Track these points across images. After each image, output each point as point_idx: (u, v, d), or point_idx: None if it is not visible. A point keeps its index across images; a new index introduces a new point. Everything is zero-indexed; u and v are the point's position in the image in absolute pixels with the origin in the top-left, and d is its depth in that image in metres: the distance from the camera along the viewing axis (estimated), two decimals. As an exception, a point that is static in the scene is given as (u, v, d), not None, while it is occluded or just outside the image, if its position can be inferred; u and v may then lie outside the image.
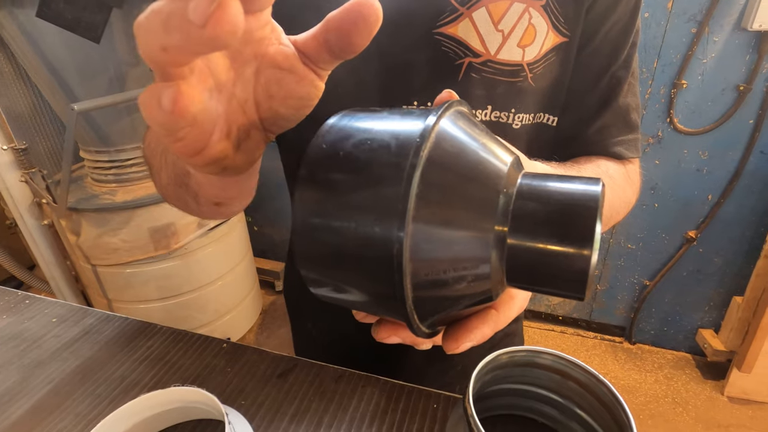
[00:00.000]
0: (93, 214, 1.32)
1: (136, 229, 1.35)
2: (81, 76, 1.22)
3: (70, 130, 1.13)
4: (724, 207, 1.45)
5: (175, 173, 0.33)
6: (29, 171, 1.29)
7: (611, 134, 0.47)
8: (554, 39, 0.42)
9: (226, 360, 0.45)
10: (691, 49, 1.28)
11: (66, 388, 0.41)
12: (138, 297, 1.47)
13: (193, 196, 0.34)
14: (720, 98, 1.33)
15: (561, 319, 1.87)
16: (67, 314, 0.51)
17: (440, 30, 0.40)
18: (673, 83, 1.34)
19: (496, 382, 0.35)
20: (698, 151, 1.41)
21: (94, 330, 0.49)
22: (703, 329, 1.64)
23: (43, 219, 1.41)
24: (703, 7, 1.23)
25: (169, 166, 0.34)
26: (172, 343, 0.47)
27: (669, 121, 1.39)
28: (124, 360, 0.44)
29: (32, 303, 0.53)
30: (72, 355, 0.45)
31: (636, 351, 1.76)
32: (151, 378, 0.42)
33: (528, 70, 0.42)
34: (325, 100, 0.34)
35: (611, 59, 0.45)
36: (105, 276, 1.43)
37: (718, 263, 1.55)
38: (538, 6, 0.40)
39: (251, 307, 1.84)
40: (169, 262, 1.44)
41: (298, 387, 0.41)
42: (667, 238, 1.56)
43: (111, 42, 1.16)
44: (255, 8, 0.16)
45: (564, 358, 0.32)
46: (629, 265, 1.65)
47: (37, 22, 1.01)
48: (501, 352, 0.33)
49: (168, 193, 0.40)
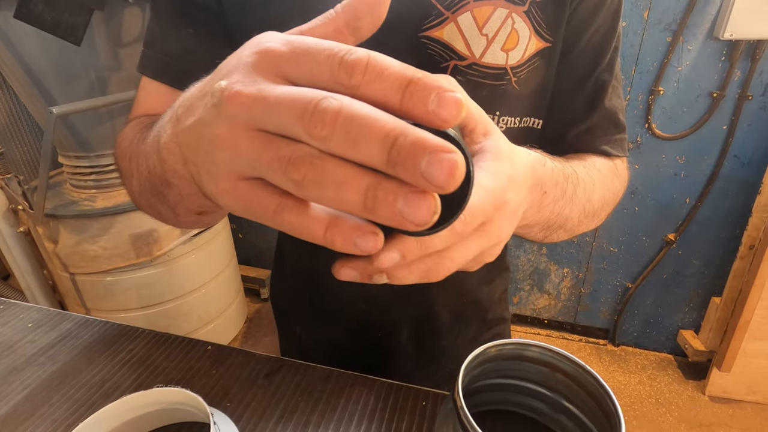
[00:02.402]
0: (71, 220, 1.29)
1: (117, 236, 1.32)
2: (60, 80, 1.20)
3: (48, 134, 1.10)
4: (701, 210, 1.50)
5: (150, 183, 0.31)
6: (5, 177, 1.25)
7: (597, 134, 0.48)
8: (537, 44, 0.43)
9: (210, 362, 0.44)
10: (666, 57, 1.32)
11: (42, 393, 0.39)
12: (118, 306, 1.43)
13: (170, 207, 0.32)
14: (695, 104, 1.37)
15: (546, 322, 1.88)
16: (44, 319, 0.50)
17: (426, 33, 0.41)
18: (651, 90, 1.38)
19: (485, 376, 0.35)
20: (676, 155, 1.45)
21: (72, 335, 0.47)
22: (684, 330, 1.68)
23: (19, 226, 1.37)
24: (677, 17, 1.27)
25: (142, 174, 0.32)
26: (154, 346, 0.45)
27: (647, 127, 1.43)
28: (105, 364, 0.43)
29: (7, 308, 0.51)
30: (49, 360, 0.43)
31: (620, 353, 1.79)
32: (132, 381, 0.41)
33: (512, 73, 0.43)
34: None
35: (595, 63, 0.46)
36: (84, 285, 1.39)
37: (696, 265, 1.59)
38: (521, 12, 0.41)
39: (236, 316, 1.80)
40: (151, 270, 1.41)
41: (285, 387, 0.41)
42: (648, 240, 1.60)
43: (92, 45, 1.14)
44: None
45: (551, 349, 0.33)
46: (612, 268, 1.68)
47: (14, 23, 0.99)
48: (490, 345, 0.33)
49: (140, 201, 0.38)
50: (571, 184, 0.36)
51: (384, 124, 0.14)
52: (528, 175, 0.28)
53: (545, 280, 1.79)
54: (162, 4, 0.44)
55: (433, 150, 0.14)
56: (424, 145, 0.14)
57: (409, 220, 0.15)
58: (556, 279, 1.78)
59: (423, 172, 0.14)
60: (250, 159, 0.17)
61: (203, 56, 0.44)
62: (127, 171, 0.37)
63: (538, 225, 0.36)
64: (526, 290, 1.84)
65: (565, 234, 0.42)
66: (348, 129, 0.15)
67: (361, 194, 0.15)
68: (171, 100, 0.45)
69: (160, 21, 0.45)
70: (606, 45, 0.46)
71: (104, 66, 1.22)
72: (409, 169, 0.14)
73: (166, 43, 0.44)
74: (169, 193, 0.29)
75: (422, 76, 0.16)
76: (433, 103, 0.15)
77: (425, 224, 0.15)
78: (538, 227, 0.37)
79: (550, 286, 1.80)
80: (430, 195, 0.15)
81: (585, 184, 0.39)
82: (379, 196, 0.15)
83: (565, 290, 1.79)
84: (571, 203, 0.37)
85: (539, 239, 0.40)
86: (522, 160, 0.28)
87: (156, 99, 0.45)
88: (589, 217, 0.42)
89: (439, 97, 0.15)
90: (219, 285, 1.64)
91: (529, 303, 1.87)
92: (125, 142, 0.39)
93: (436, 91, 0.15)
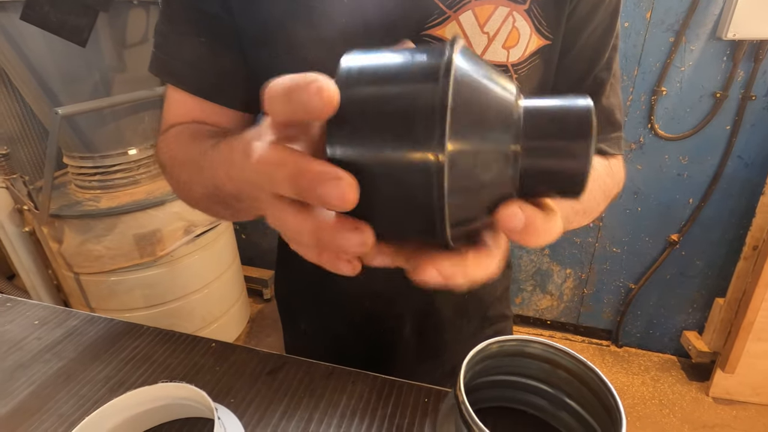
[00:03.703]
0: (76, 220, 1.29)
1: (121, 236, 1.33)
2: (65, 81, 1.21)
3: (54, 134, 1.11)
4: (704, 210, 1.49)
5: (217, 196, 0.35)
6: (10, 177, 1.26)
7: None
8: (537, 42, 0.43)
9: (214, 359, 0.44)
10: (669, 58, 1.32)
11: (48, 389, 0.40)
12: (122, 305, 1.44)
13: (233, 213, 0.37)
14: (698, 105, 1.37)
15: (549, 323, 1.88)
16: (50, 316, 0.50)
17: (428, 32, 0.41)
18: (653, 90, 1.38)
19: (486, 372, 0.35)
20: (678, 156, 1.45)
21: (77, 332, 0.48)
22: (688, 331, 1.67)
23: (24, 226, 1.38)
24: (679, 17, 1.27)
25: (207, 187, 0.36)
26: (159, 343, 0.46)
27: (650, 127, 1.43)
28: (110, 360, 0.43)
29: (13, 306, 0.52)
30: (55, 356, 0.44)
31: (623, 354, 1.78)
32: (137, 378, 0.41)
33: (513, 71, 0.43)
34: None
35: (593, 62, 0.47)
36: (88, 284, 1.40)
37: (700, 265, 1.58)
38: (521, 10, 0.41)
39: (239, 316, 1.81)
40: (155, 270, 1.42)
41: (288, 384, 0.41)
42: (651, 241, 1.59)
43: (97, 46, 1.15)
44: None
45: (553, 346, 0.33)
46: (614, 268, 1.68)
47: (20, 25, 1.00)
48: (491, 342, 0.33)
49: (199, 204, 0.42)
50: None
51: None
52: None
53: (548, 281, 1.79)
54: (175, 10, 0.45)
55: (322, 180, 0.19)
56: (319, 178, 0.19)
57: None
58: (559, 280, 1.77)
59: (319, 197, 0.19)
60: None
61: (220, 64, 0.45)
62: (187, 181, 0.39)
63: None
64: (528, 291, 1.84)
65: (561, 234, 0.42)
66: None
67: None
68: (195, 108, 0.47)
69: (174, 27, 0.45)
70: (604, 44, 0.46)
71: (109, 67, 1.23)
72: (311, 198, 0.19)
73: (180, 50, 0.45)
74: (239, 205, 0.34)
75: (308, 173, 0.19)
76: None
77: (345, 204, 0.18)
78: None
79: (552, 287, 1.80)
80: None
81: None
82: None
83: (568, 291, 1.79)
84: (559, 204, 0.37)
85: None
86: None
87: (182, 107, 0.46)
88: (579, 215, 0.43)
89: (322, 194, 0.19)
90: (222, 285, 1.65)
91: (531, 304, 1.87)
92: (179, 153, 0.41)
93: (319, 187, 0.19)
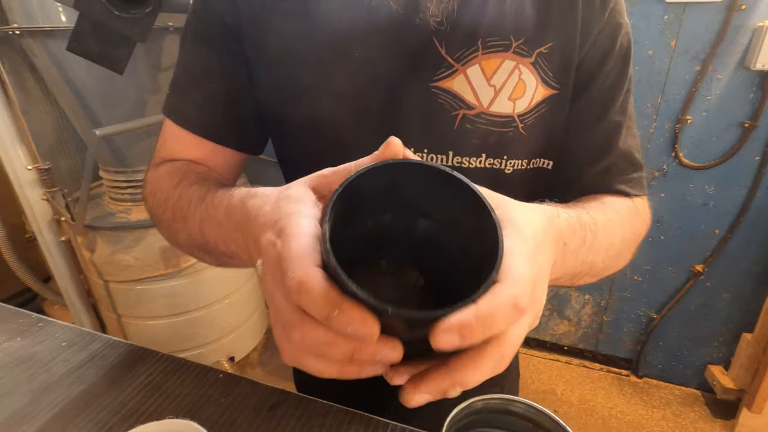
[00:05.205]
0: (108, 232, 1.37)
1: (148, 248, 1.40)
2: (104, 102, 1.29)
3: (91, 153, 1.19)
4: (731, 242, 1.44)
5: (206, 249, 0.39)
6: (51, 190, 1.35)
7: (614, 174, 0.48)
8: (543, 92, 0.44)
9: (220, 390, 0.47)
10: (694, 86, 1.30)
11: (70, 413, 0.43)
12: (147, 313, 1.51)
13: (218, 262, 0.41)
14: (725, 134, 1.33)
15: (566, 349, 1.84)
16: (76, 338, 0.54)
17: (437, 84, 0.43)
18: (678, 119, 1.35)
19: (471, 426, 0.37)
20: (704, 185, 1.41)
21: (99, 355, 0.52)
22: (713, 365, 1.61)
23: (61, 235, 1.46)
24: (705, 46, 1.25)
25: (194, 237, 0.39)
26: (171, 371, 0.49)
27: (674, 156, 1.40)
28: (125, 388, 0.47)
29: (45, 326, 0.57)
30: (77, 380, 0.48)
31: (643, 385, 1.73)
32: (148, 407, 0.44)
33: (518, 120, 0.44)
34: (332, 148, 0.38)
35: (606, 106, 0.47)
36: (116, 292, 1.48)
37: (726, 298, 1.53)
38: (528, 63, 0.43)
39: (256, 327, 1.86)
40: (178, 281, 1.48)
41: (287, 421, 0.43)
42: (674, 271, 1.55)
43: (134, 71, 1.23)
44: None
45: (534, 407, 0.34)
46: (635, 296, 1.64)
47: (66, 52, 1.08)
48: (476, 399, 0.34)
49: (182, 248, 0.45)
50: (589, 231, 0.37)
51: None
52: (548, 230, 0.29)
53: (565, 306, 1.76)
54: (187, 54, 0.49)
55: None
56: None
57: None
58: (577, 305, 1.74)
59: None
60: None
61: (223, 106, 0.48)
62: (173, 227, 0.42)
63: (565, 276, 0.37)
64: (545, 315, 1.81)
65: (592, 278, 0.42)
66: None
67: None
68: (193, 145, 0.50)
69: (185, 70, 0.49)
70: (617, 88, 0.46)
71: (144, 89, 1.31)
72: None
73: (190, 91, 0.48)
74: (227, 260, 0.37)
75: (337, 314, 0.20)
76: (351, 331, 0.20)
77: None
78: (564, 278, 0.37)
79: (570, 312, 1.77)
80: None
81: (605, 229, 0.39)
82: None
83: (586, 317, 1.75)
84: (593, 250, 0.37)
85: (566, 285, 0.41)
86: (538, 219, 0.28)
87: (181, 144, 0.49)
88: (613, 260, 0.43)
89: (354, 330, 0.20)
90: (241, 297, 1.70)
91: (548, 328, 1.84)
92: (165, 195, 0.44)
93: (351, 326, 0.20)
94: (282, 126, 0.49)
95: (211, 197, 0.38)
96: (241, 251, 0.33)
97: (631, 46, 0.46)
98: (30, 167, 1.33)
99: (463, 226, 0.26)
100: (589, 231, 0.36)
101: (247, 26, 0.45)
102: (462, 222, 0.26)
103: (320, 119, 0.45)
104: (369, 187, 0.24)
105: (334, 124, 0.45)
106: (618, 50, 0.45)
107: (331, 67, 0.44)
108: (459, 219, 0.26)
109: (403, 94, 0.44)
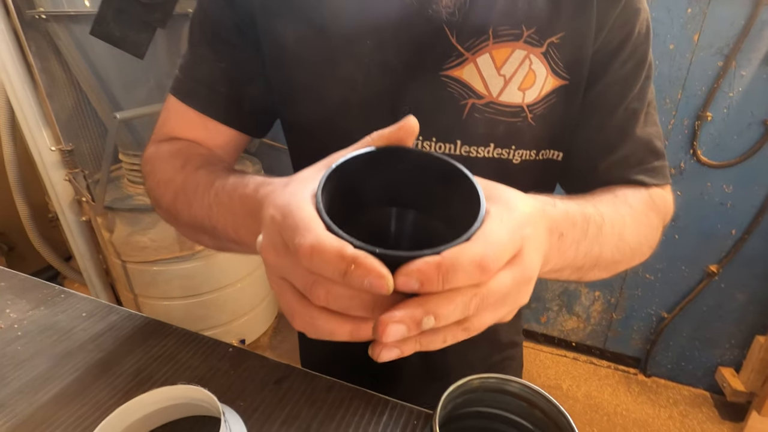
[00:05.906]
0: (126, 213, 1.41)
1: (164, 230, 1.44)
2: (125, 86, 1.32)
3: (111, 136, 1.22)
4: (748, 242, 1.42)
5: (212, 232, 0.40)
6: (73, 171, 1.40)
7: (632, 164, 0.47)
8: (553, 82, 0.44)
9: (230, 363, 0.49)
10: (716, 82, 1.27)
11: (89, 377, 0.46)
12: (162, 294, 1.56)
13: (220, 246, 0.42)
14: (746, 132, 1.30)
15: (574, 345, 1.84)
16: (95, 310, 0.57)
17: (447, 73, 0.43)
18: (697, 115, 1.33)
19: (468, 404, 0.38)
20: (722, 184, 1.39)
21: (117, 326, 0.54)
22: (723, 367, 1.59)
23: (82, 215, 1.51)
24: (730, 41, 1.22)
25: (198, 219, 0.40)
26: (184, 343, 0.51)
27: (692, 153, 1.37)
28: (141, 356, 0.49)
29: (67, 297, 0.59)
30: (96, 348, 0.50)
31: (651, 384, 1.72)
32: (162, 374, 0.46)
33: (528, 111, 0.45)
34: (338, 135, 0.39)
35: (624, 94, 0.46)
36: (133, 272, 1.52)
37: (740, 300, 1.50)
38: (538, 53, 0.43)
39: (267, 311, 1.90)
40: (192, 263, 1.52)
41: (292, 394, 0.45)
42: (687, 270, 1.53)
43: (154, 55, 1.25)
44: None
45: (530, 387, 0.35)
46: (646, 295, 1.62)
47: (89, 36, 1.11)
48: (473, 377, 0.35)
49: (181, 229, 0.46)
50: (593, 224, 0.36)
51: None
52: (540, 215, 0.29)
53: (575, 302, 1.75)
54: (197, 36, 0.50)
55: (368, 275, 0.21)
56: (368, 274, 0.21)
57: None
58: (587, 302, 1.73)
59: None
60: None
61: (230, 87, 0.49)
62: (173, 208, 0.43)
63: (567, 268, 0.36)
64: (554, 310, 1.81)
65: (604, 273, 0.42)
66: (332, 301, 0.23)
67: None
68: (197, 124, 0.51)
69: (194, 50, 0.50)
70: (635, 76, 0.45)
71: (164, 73, 1.34)
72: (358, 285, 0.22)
73: (197, 71, 0.49)
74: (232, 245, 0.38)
75: (354, 267, 0.21)
76: (366, 284, 0.21)
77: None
78: (567, 270, 0.37)
79: (579, 309, 1.76)
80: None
81: (613, 222, 0.39)
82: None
83: (596, 314, 1.75)
84: (598, 243, 0.37)
85: (575, 280, 0.40)
86: (531, 202, 0.29)
87: (183, 121, 0.50)
88: (625, 254, 0.42)
89: (370, 283, 0.21)
90: (253, 281, 1.74)
91: (557, 324, 1.83)
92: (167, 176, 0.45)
93: (367, 279, 0.21)
94: (292, 114, 0.50)
95: (222, 184, 0.39)
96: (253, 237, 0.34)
97: (650, 33, 0.45)
98: (53, 148, 1.38)
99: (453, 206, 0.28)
100: (593, 223, 0.36)
101: (259, 13, 0.46)
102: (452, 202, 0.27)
103: (330, 107, 0.46)
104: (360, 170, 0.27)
105: (344, 113, 0.46)
106: (636, 37, 0.44)
107: (341, 56, 0.44)
108: (451, 200, 0.28)
109: (412, 83, 0.44)
